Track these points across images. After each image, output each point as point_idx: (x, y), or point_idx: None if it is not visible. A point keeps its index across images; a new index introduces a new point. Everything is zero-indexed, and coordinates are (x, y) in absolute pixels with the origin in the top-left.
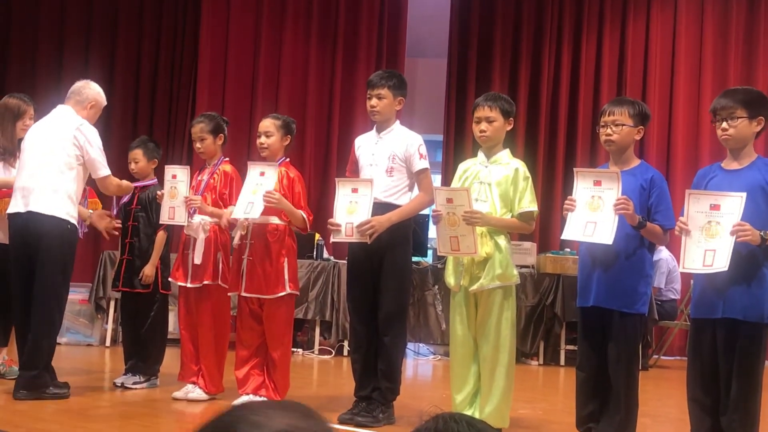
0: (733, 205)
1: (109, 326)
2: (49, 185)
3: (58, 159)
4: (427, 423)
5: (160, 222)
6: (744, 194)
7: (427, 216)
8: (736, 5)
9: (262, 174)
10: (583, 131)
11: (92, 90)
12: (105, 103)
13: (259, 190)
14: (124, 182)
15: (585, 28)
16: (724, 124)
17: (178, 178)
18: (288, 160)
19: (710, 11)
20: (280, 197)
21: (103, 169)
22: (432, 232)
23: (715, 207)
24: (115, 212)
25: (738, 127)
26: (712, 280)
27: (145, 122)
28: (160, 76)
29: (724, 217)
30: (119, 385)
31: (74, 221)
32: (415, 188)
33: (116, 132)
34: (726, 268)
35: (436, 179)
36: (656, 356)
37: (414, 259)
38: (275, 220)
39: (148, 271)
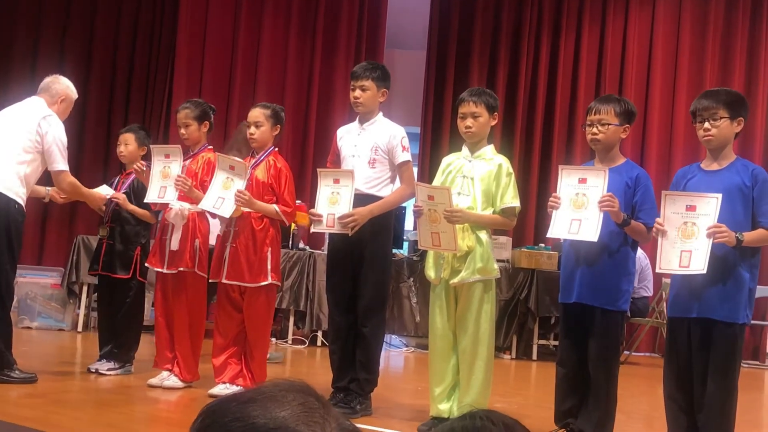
0: (709, 206)
1: (81, 311)
2: (3, 163)
3: (19, 142)
4: (462, 421)
5: (147, 201)
6: (720, 195)
7: (404, 208)
8: (714, 7)
9: (232, 168)
10: (559, 127)
11: (61, 84)
12: (75, 96)
13: (231, 186)
14: (85, 190)
15: (564, 25)
16: (707, 124)
17: (171, 158)
18: (276, 149)
19: (688, 12)
20: (250, 198)
21: (60, 164)
22: (408, 224)
23: (690, 208)
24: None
25: (720, 128)
26: (687, 280)
27: (120, 109)
28: (136, 63)
29: (699, 218)
30: (93, 371)
31: (21, 202)
32: (397, 180)
33: (91, 118)
34: (704, 271)
35: (413, 171)
36: (627, 352)
37: None
38: None
39: (121, 198)
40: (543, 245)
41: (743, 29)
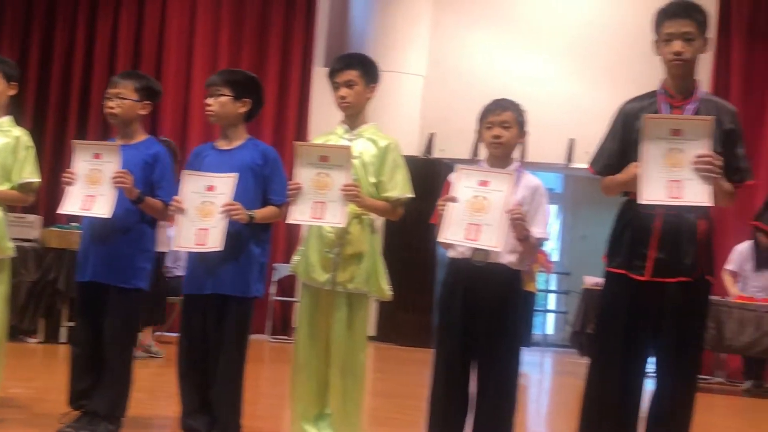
0: (225, 185)
1: None
2: None
3: None
4: None
5: None
6: (236, 175)
7: None
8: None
9: None
10: (96, 104)
11: None
12: None
13: None
14: None
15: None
16: (209, 99)
17: None
18: None
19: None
20: None
21: None
22: None
23: (210, 188)
24: None
25: (222, 104)
26: (203, 258)
27: None
28: None
29: (218, 197)
30: None
31: None
32: None
33: None
34: (220, 247)
35: None
36: (160, 333)
37: None
38: None
39: None
40: (75, 224)
41: (276, 16)
